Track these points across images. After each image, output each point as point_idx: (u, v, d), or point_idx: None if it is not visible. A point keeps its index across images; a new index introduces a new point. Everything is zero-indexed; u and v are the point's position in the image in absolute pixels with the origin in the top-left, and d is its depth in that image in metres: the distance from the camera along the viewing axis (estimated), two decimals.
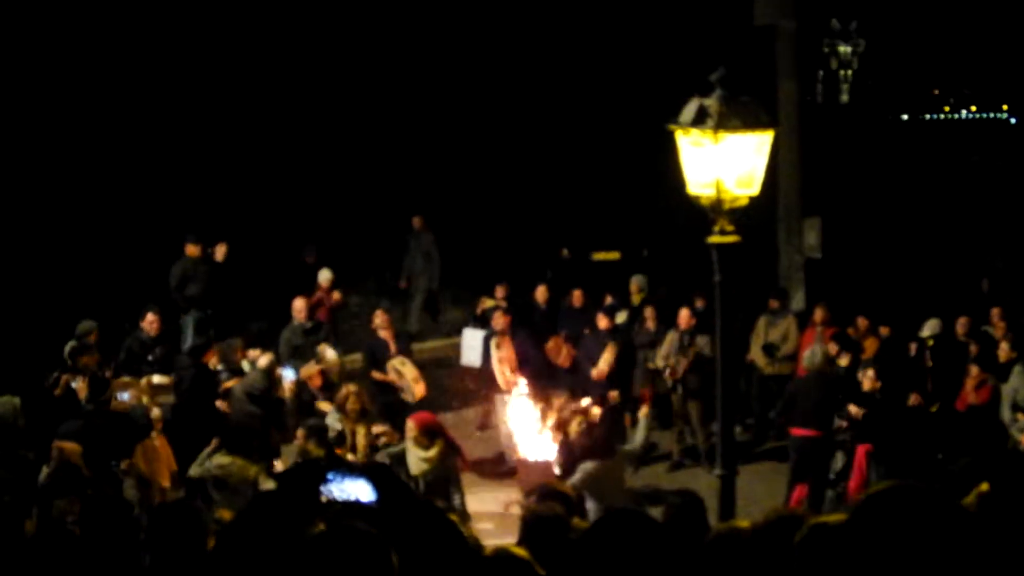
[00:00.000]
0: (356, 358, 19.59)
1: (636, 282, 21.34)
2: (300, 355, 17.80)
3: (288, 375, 16.49)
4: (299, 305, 18.52)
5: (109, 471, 12.92)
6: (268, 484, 12.84)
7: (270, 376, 15.81)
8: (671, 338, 18.59)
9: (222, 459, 13.33)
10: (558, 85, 28.61)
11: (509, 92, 28.06)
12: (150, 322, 17.53)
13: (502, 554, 5.40)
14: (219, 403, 16.02)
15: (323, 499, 5.15)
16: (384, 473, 4.84)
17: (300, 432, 14.11)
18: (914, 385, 17.23)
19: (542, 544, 6.77)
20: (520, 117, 28.28)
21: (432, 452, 14.09)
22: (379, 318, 18.50)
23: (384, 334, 18.28)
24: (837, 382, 16.80)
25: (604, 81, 28.76)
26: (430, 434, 14.20)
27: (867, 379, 16.54)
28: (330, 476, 5.18)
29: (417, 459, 14.14)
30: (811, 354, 16.85)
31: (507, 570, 5.27)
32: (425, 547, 4.85)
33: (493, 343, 18.19)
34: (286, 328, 18.46)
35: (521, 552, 5.44)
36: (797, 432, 16.19)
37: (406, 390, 17.49)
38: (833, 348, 18.21)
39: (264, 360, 16.15)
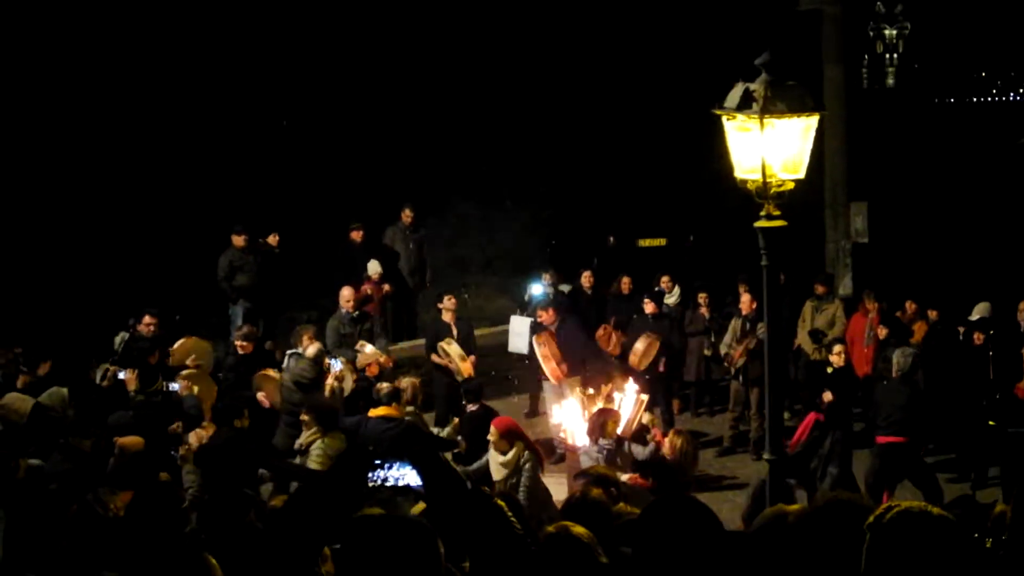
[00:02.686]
0: (404, 346, 19.79)
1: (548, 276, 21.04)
2: (347, 344, 17.86)
3: (335, 365, 16.52)
4: (347, 294, 18.58)
5: (167, 459, 12.98)
6: None
7: (319, 365, 15.84)
8: (735, 325, 18.58)
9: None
10: (604, 72, 28.58)
11: (556, 79, 28.03)
12: (146, 324, 17.55)
13: (562, 532, 5.40)
14: (260, 396, 16.02)
15: (371, 485, 5.17)
16: (432, 459, 4.82)
17: (305, 415, 14.08)
18: (966, 369, 17.18)
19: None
20: (566, 104, 28.25)
21: (509, 456, 14.00)
22: (448, 301, 18.72)
23: (448, 316, 18.59)
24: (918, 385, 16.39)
25: (650, 67, 28.70)
26: (509, 437, 14.09)
27: (835, 356, 16.51)
28: (378, 461, 5.20)
29: (497, 464, 14.06)
30: (900, 358, 15.92)
31: (566, 550, 5.29)
32: (472, 532, 4.87)
33: (535, 340, 18.17)
34: (332, 317, 18.53)
35: (581, 531, 5.45)
36: (883, 439, 15.59)
37: (454, 370, 17.83)
38: (883, 332, 18.13)
39: (312, 349, 16.17)
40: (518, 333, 19.45)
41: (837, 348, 16.64)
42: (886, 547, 4.68)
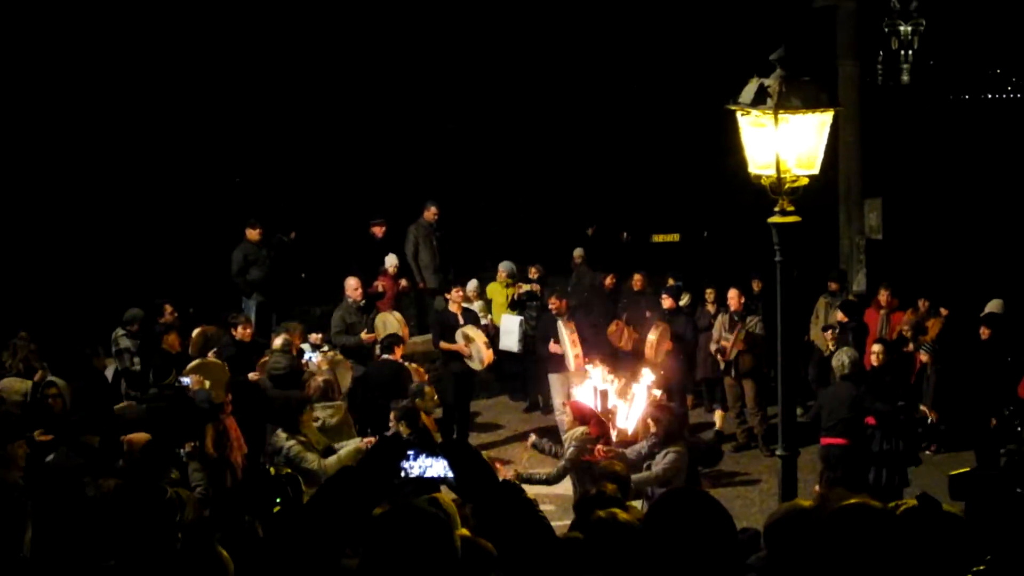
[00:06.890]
0: (416, 340, 19.83)
1: (504, 269, 21.03)
2: (353, 333, 17.93)
3: (311, 357, 16.45)
4: (353, 283, 18.54)
5: (174, 455, 12.92)
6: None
7: (288, 353, 15.70)
8: (721, 320, 18.56)
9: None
10: (619, 67, 28.55)
11: (571, 74, 28.01)
12: (170, 313, 17.60)
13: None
14: (252, 375, 15.95)
15: (402, 476, 5.18)
16: (465, 451, 4.82)
17: (392, 414, 13.91)
18: (978, 367, 17.13)
19: (597, 527, 6.81)
20: (581, 100, 28.24)
21: (574, 432, 13.88)
22: (456, 293, 18.78)
23: (455, 308, 18.62)
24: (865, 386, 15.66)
25: (665, 62, 28.68)
26: (581, 419, 13.95)
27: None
28: (410, 453, 5.21)
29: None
30: (838, 360, 15.55)
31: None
32: (502, 525, 4.87)
33: (562, 324, 18.17)
34: (338, 307, 18.51)
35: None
36: (826, 441, 15.21)
37: (474, 357, 18.04)
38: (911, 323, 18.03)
39: (279, 340, 16.05)
40: (508, 331, 19.57)
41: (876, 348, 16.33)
42: (896, 543, 4.68)
